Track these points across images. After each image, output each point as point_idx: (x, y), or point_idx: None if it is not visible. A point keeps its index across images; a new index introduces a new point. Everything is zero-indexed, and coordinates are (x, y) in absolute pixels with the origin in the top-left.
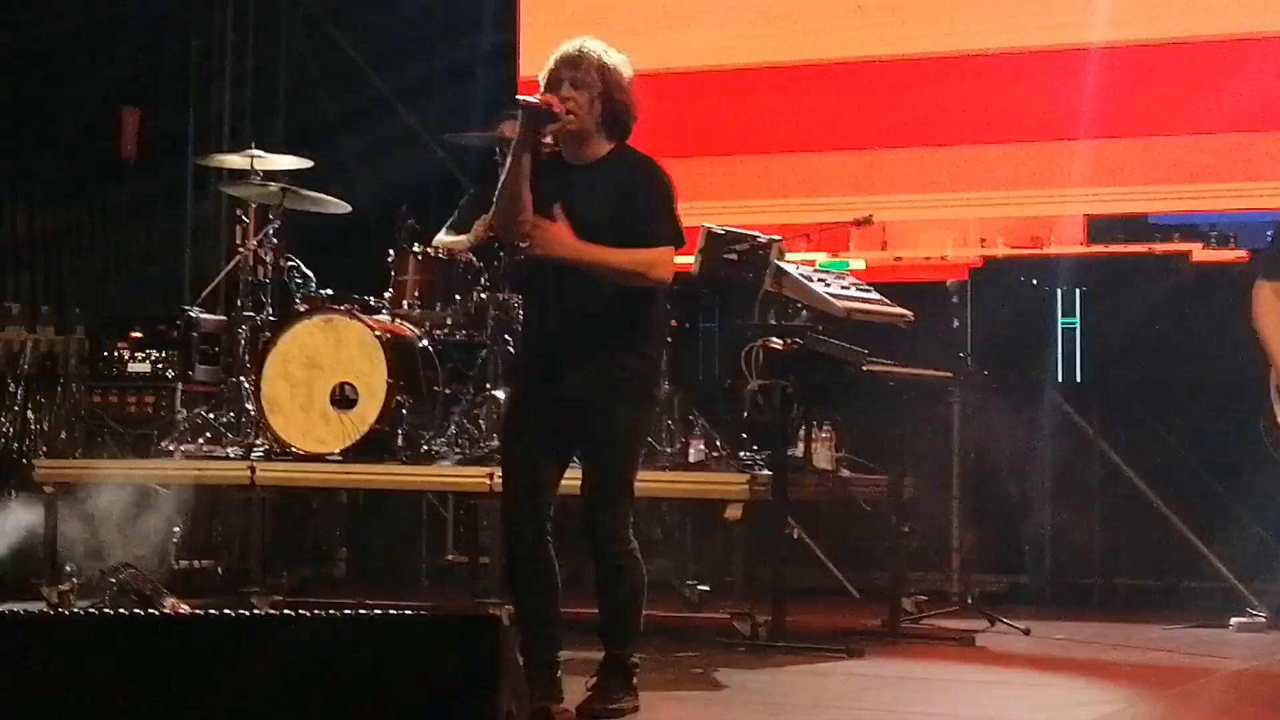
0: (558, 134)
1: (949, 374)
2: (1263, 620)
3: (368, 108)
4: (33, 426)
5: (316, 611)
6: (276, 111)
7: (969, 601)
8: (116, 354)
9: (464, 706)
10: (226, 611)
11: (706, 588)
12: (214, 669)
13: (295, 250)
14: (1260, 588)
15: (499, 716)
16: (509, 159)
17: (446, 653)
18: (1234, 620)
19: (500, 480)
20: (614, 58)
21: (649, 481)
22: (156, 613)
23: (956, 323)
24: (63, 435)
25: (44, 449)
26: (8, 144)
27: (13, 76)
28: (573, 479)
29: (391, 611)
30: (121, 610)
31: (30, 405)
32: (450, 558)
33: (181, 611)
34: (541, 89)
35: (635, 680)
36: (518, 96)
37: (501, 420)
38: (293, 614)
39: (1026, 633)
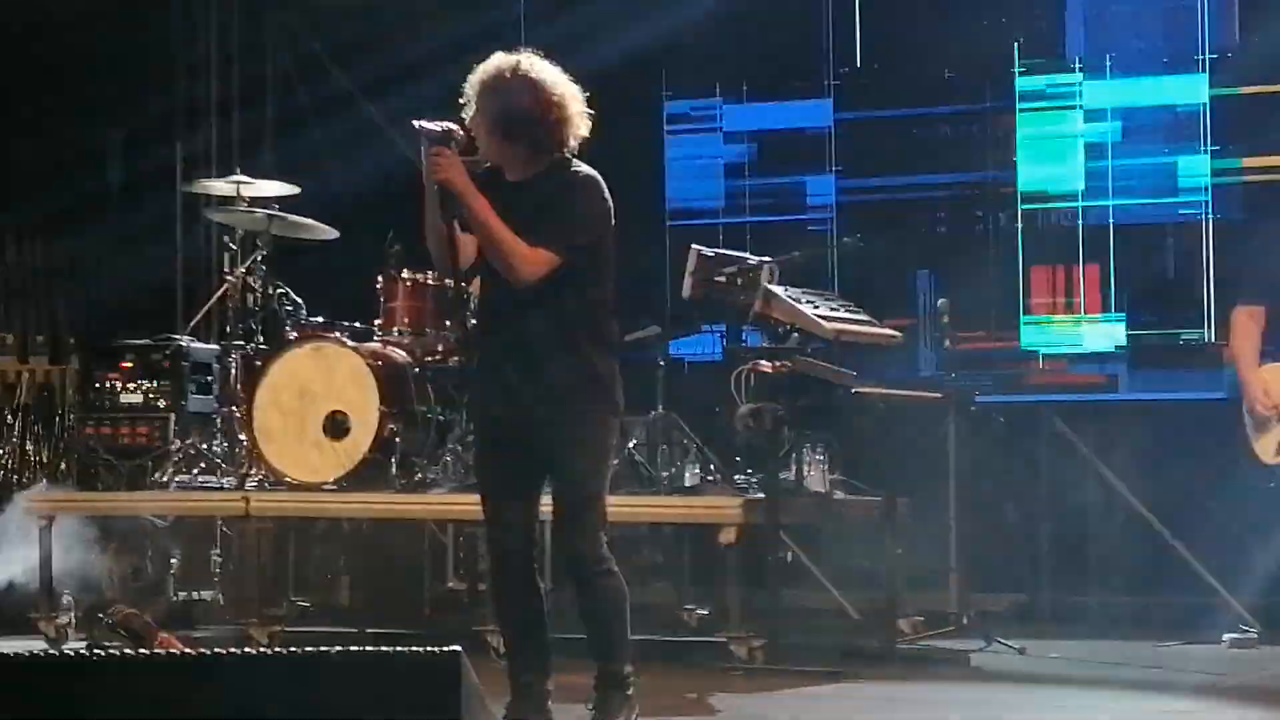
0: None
1: (939, 395)
2: (1254, 636)
3: (356, 132)
4: (31, 459)
5: (278, 650)
6: (263, 137)
7: (965, 621)
8: (108, 385)
9: None
10: (186, 651)
11: (705, 612)
12: (172, 708)
13: (284, 277)
14: (1252, 602)
15: None
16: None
17: (407, 689)
18: (1227, 636)
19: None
20: (514, 67)
21: (643, 506)
22: (113, 653)
23: (948, 343)
24: (61, 467)
25: (44, 481)
26: None
27: None
28: None
29: (353, 649)
30: (87, 651)
31: (29, 437)
32: (451, 585)
33: (164, 650)
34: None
35: (631, 692)
36: (414, 122)
37: (473, 450)
38: (252, 653)
39: (1022, 652)
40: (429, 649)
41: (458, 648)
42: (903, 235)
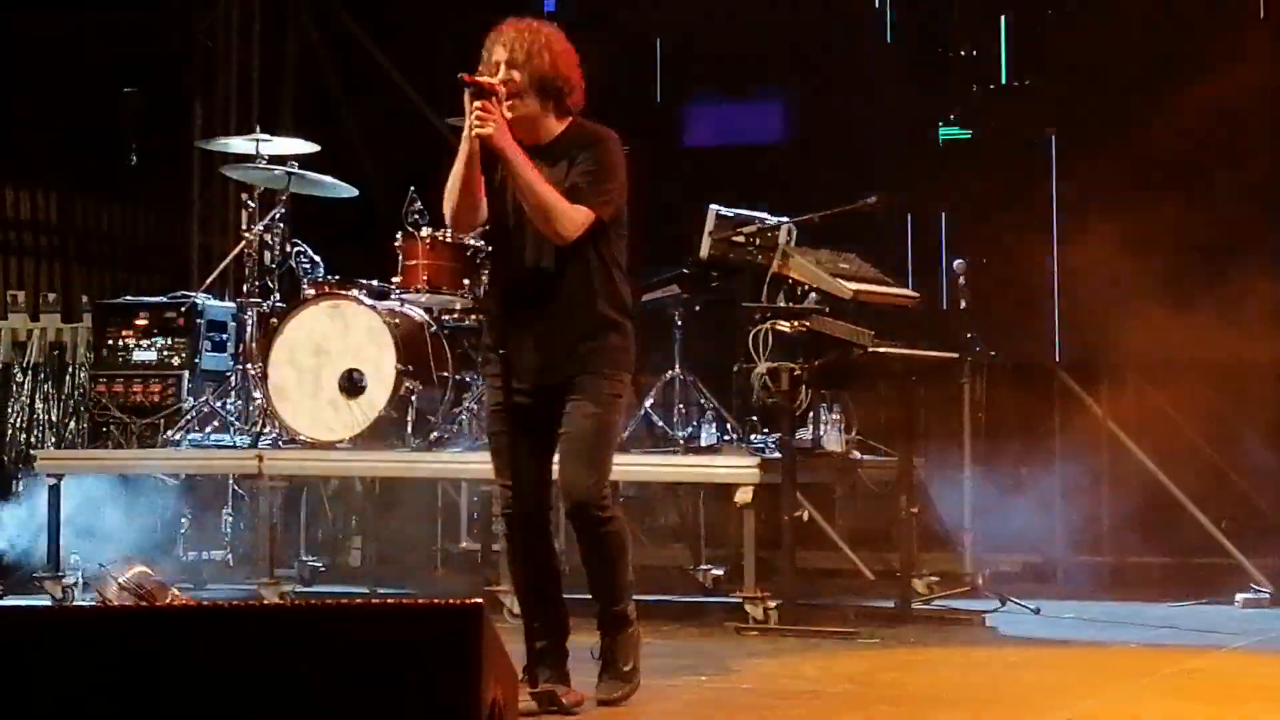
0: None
1: (955, 354)
2: (1266, 596)
3: (374, 90)
4: (41, 417)
5: (297, 603)
6: (283, 94)
7: (980, 582)
8: (121, 342)
9: (446, 695)
10: (205, 604)
11: (720, 572)
12: (195, 661)
13: (302, 235)
14: (1265, 563)
15: (482, 705)
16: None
17: (427, 642)
18: (1239, 596)
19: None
20: (545, 30)
21: (660, 466)
22: (143, 606)
23: (964, 303)
24: (71, 425)
25: (52, 439)
26: (9, 129)
27: (14, 61)
28: None
29: (372, 602)
30: (108, 604)
31: (38, 394)
32: (464, 545)
33: (175, 605)
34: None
35: (634, 629)
36: (461, 75)
37: (486, 415)
38: (273, 605)
39: (1036, 612)
40: (451, 601)
41: (479, 600)
42: None
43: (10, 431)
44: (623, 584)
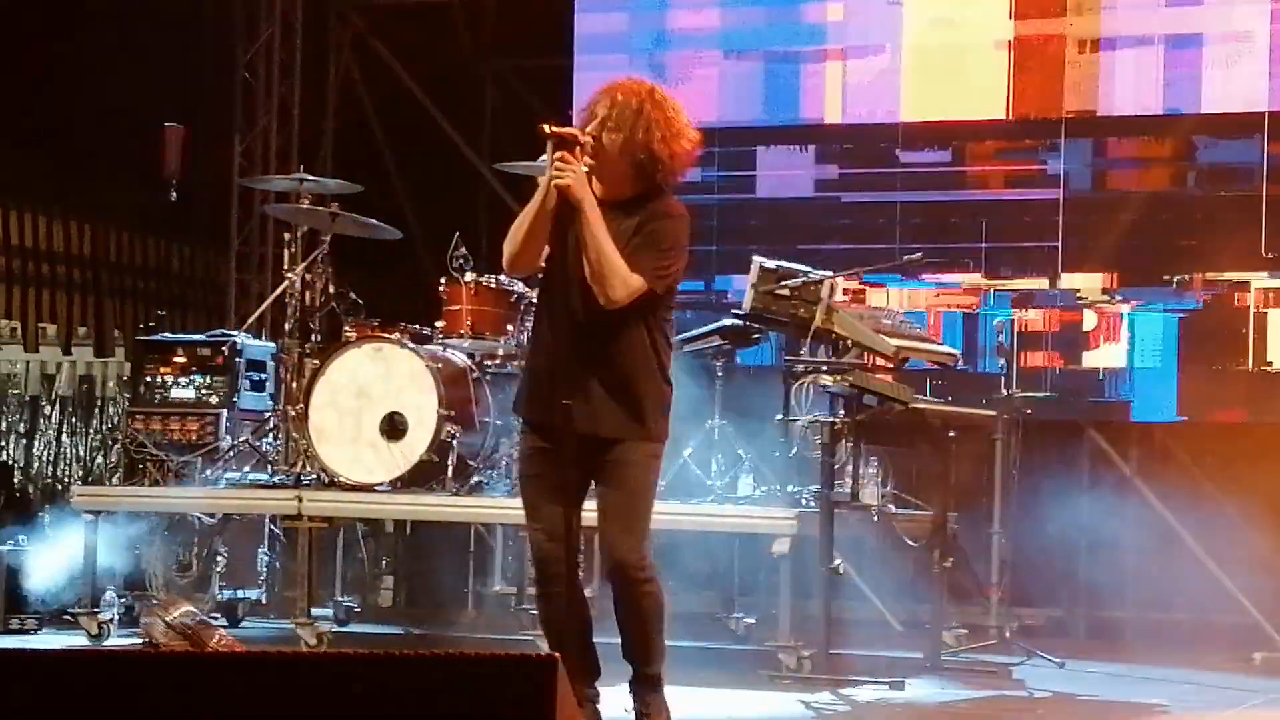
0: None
1: (993, 413)
2: None
3: (416, 129)
4: (68, 451)
5: (369, 650)
6: (324, 133)
7: (1007, 635)
8: (159, 379)
9: None
10: (277, 650)
11: (752, 620)
12: (263, 708)
13: (345, 276)
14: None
15: None
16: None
17: (502, 694)
18: (1257, 655)
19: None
20: (660, 104)
21: (697, 515)
22: (200, 650)
23: (1003, 363)
24: (99, 460)
25: (80, 474)
26: (48, 162)
27: (55, 95)
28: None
29: (449, 651)
30: (165, 647)
31: (65, 428)
32: (498, 588)
33: (227, 644)
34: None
35: (664, 691)
36: (545, 125)
37: (518, 460)
38: (345, 653)
39: (1061, 666)
40: (526, 653)
41: (556, 654)
42: None
43: (37, 465)
44: (657, 647)
